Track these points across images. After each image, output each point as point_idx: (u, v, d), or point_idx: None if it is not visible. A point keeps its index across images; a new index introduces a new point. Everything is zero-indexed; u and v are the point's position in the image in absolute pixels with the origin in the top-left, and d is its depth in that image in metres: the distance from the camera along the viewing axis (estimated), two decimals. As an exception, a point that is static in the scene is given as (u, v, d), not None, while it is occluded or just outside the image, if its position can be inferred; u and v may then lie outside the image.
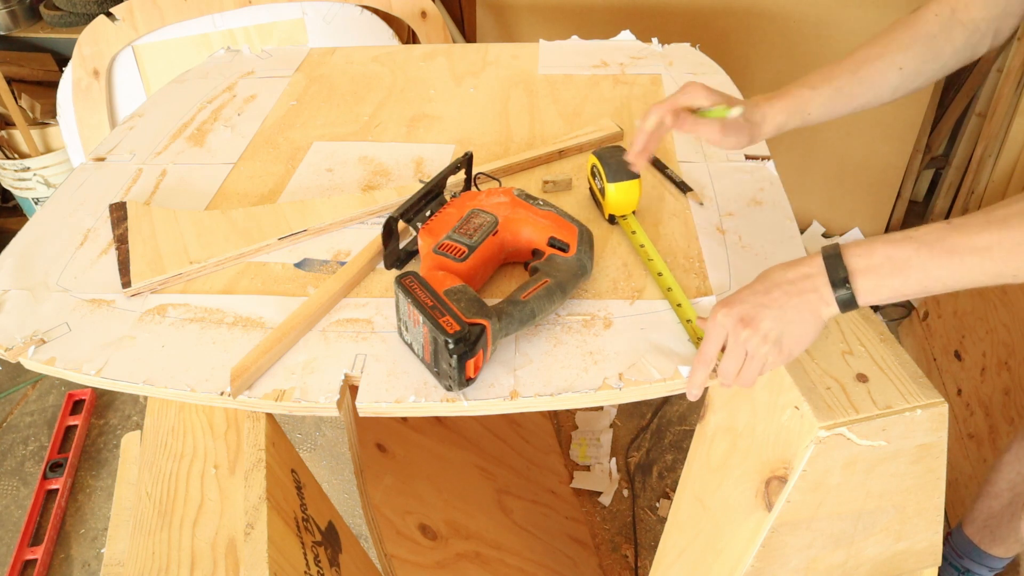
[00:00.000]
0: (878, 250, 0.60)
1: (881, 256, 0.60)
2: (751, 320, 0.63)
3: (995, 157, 1.91)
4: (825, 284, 0.61)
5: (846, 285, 0.60)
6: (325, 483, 1.62)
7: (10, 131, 2.03)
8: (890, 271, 0.59)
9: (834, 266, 0.61)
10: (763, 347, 0.63)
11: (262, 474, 0.69)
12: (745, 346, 0.64)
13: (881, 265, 0.59)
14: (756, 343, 0.63)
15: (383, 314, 0.77)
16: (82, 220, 0.93)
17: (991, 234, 0.56)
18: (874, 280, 0.60)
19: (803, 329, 0.63)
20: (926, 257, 0.58)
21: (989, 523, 1.19)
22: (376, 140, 1.08)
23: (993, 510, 1.18)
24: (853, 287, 0.60)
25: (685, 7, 1.88)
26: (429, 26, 1.81)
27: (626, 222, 0.87)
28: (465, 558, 1.19)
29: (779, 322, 0.63)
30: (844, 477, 0.66)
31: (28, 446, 1.72)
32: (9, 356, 0.75)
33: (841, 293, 0.61)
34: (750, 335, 0.63)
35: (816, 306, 0.62)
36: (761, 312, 0.63)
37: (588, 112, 1.13)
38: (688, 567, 0.84)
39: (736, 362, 0.65)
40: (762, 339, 0.63)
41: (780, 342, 0.63)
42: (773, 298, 0.63)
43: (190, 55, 1.69)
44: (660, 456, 1.63)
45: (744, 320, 0.64)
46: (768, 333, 0.63)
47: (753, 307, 0.64)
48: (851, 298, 0.61)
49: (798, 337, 0.63)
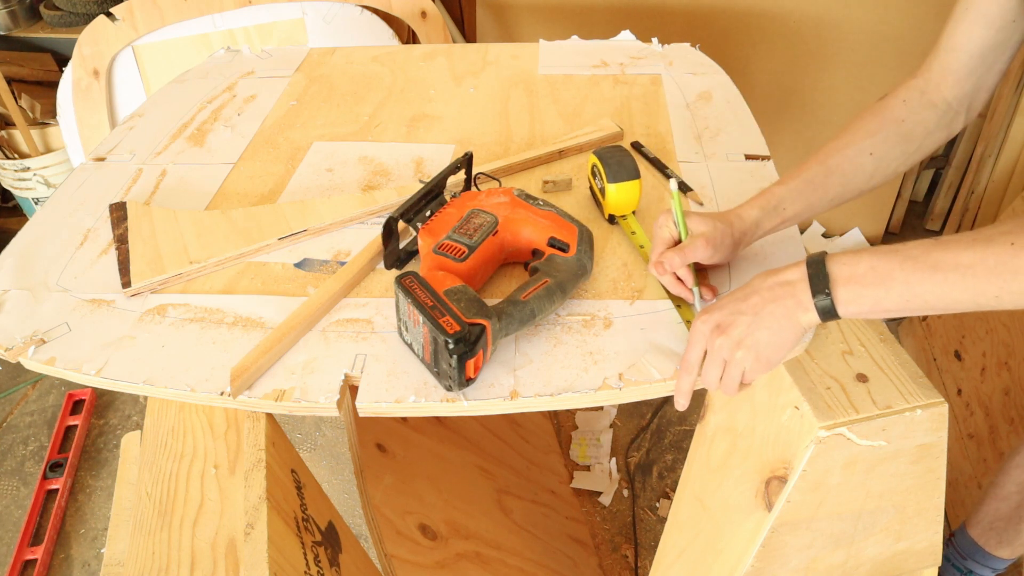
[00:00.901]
0: (863, 260, 0.59)
1: (865, 266, 0.59)
2: (726, 327, 0.63)
3: (995, 157, 1.91)
4: (805, 290, 0.61)
5: (826, 293, 0.60)
6: (325, 483, 1.62)
7: (10, 131, 2.03)
8: (872, 282, 0.59)
9: (816, 273, 0.61)
10: (737, 352, 0.63)
11: (262, 474, 0.69)
12: (721, 353, 0.64)
13: (864, 275, 0.59)
14: (730, 349, 0.63)
15: (383, 314, 0.77)
16: (82, 220, 0.93)
17: (975, 252, 0.55)
18: (855, 290, 0.59)
19: (778, 336, 0.63)
20: (910, 270, 0.57)
21: (995, 525, 1.19)
22: (376, 140, 1.08)
23: (1000, 512, 1.17)
24: (833, 295, 0.60)
25: (685, 7, 1.88)
26: (429, 26, 1.81)
27: (626, 222, 0.87)
28: (465, 558, 1.19)
29: (753, 328, 0.63)
30: (844, 477, 0.66)
31: (28, 446, 1.72)
32: (9, 356, 0.75)
33: (821, 300, 0.60)
34: (724, 341, 0.63)
35: (793, 312, 0.62)
36: (736, 319, 0.63)
37: (588, 112, 1.13)
38: (688, 567, 0.84)
39: (716, 369, 0.65)
40: (735, 344, 0.63)
41: (755, 348, 0.63)
42: (750, 304, 0.63)
43: (190, 55, 1.69)
44: (660, 456, 1.63)
45: (720, 327, 0.64)
46: (742, 339, 0.63)
47: (729, 314, 0.64)
48: (831, 306, 0.60)
49: (774, 343, 0.63)
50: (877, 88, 1.90)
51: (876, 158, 0.77)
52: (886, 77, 1.87)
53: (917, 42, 1.80)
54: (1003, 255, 0.54)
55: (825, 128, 2.00)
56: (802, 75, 1.93)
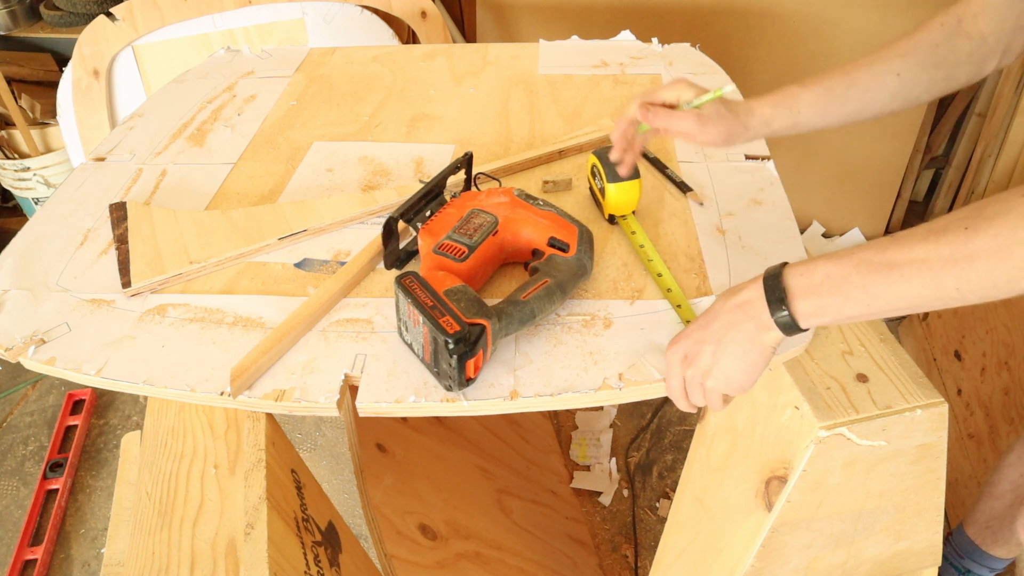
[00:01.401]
0: (819, 268, 0.56)
1: (821, 274, 0.56)
2: (692, 357, 0.63)
3: (995, 157, 1.91)
4: (764, 309, 0.58)
5: (784, 308, 0.57)
6: (325, 483, 1.62)
7: (10, 131, 2.03)
8: (829, 290, 0.55)
9: (772, 287, 0.58)
10: (708, 382, 0.63)
11: (262, 474, 0.69)
12: (695, 381, 0.64)
13: (820, 284, 0.55)
14: (700, 379, 0.63)
15: (383, 314, 0.77)
16: (82, 220, 0.93)
17: (928, 244, 0.51)
18: (814, 301, 0.56)
19: (744, 361, 0.61)
20: (865, 273, 0.53)
21: (991, 524, 1.19)
22: (376, 140, 1.08)
23: (995, 511, 1.18)
24: (792, 309, 0.57)
25: (685, 7, 1.88)
26: (429, 26, 1.81)
27: (626, 222, 0.87)
28: (465, 558, 1.19)
29: (718, 356, 0.61)
30: (844, 477, 0.66)
31: (28, 446, 1.72)
32: (9, 356, 0.75)
33: (780, 317, 0.57)
34: (693, 373, 0.63)
35: (754, 335, 0.60)
36: (700, 348, 0.62)
37: (588, 112, 1.13)
38: (688, 567, 0.84)
39: (696, 393, 0.65)
40: (703, 375, 0.63)
41: (724, 376, 0.62)
42: (712, 332, 0.62)
43: (190, 55, 1.69)
44: (660, 456, 1.63)
45: (687, 358, 0.63)
46: (709, 370, 0.62)
47: (694, 343, 0.63)
48: (791, 321, 0.57)
49: (741, 369, 0.61)
50: (877, 88, 1.90)
51: (902, 80, 0.75)
52: (886, 77, 1.87)
53: (917, 42, 1.80)
54: (956, 242, 0.50)
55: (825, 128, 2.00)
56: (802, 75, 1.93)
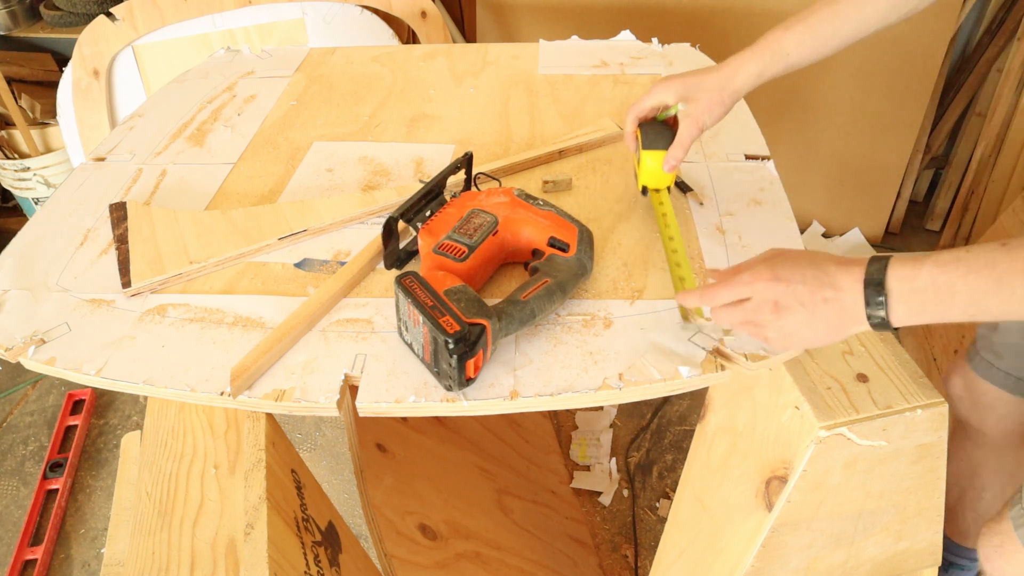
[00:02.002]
0: (923, 272, 0.55)
1: (926, 280, 0.55)
2: (782, 309, 0.61)
3: (995, 157, 1.91)
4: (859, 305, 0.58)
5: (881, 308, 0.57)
6: (325, 483, 1.62)
7: (10, 131, 2.03)
8: (934, 297, 0.54)
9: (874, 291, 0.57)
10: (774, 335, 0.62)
11: (262, 474, 0.69)
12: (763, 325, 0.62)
13: (924, 290, 0.55)
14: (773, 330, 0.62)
15: (383, 314, 0.77)
16: (82, 220, 0.93)
17: None
18: (915, 307, 0.56)
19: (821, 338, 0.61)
20: (973, 282, 0.53)
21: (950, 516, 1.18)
22: (376, 140, 1.08)
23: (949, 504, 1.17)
24: (889, 311, 0.56)
25: (685, 7, 1.88)
26: (429, 26, 1.81)
27: (658, 197, 0.83)
28: (465, 558, 1.19)
29: (803, 325, 0.61)
30: (844, 477, 0.66)
31: (28, 446, 1.72)
32: (9, 356, 0.75)
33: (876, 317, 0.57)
34: (772, 320, 0.61)
35: (846, 325, 0.59)
36: (794, 307, 0.60)
37: (588, 112, 1.13)
38: (688, 567, 0.84)
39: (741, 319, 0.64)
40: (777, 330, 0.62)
41: (792, 339, 0.62)
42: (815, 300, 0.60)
43: (190, 55, 1.69)
44: (660, 456, 1.63)
45: (776, 305, 0.61)
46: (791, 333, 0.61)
47: (792, 298, 0.60)
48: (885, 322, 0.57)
49: (810, 341, 0.62)
50: (877, 88, 1.90)
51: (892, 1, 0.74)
52: (886, 77, 1.87)
53: (917, 42, 1.80)
54: None
55: (826, 128, 2.00)
56: (802, 75, 1.93)
